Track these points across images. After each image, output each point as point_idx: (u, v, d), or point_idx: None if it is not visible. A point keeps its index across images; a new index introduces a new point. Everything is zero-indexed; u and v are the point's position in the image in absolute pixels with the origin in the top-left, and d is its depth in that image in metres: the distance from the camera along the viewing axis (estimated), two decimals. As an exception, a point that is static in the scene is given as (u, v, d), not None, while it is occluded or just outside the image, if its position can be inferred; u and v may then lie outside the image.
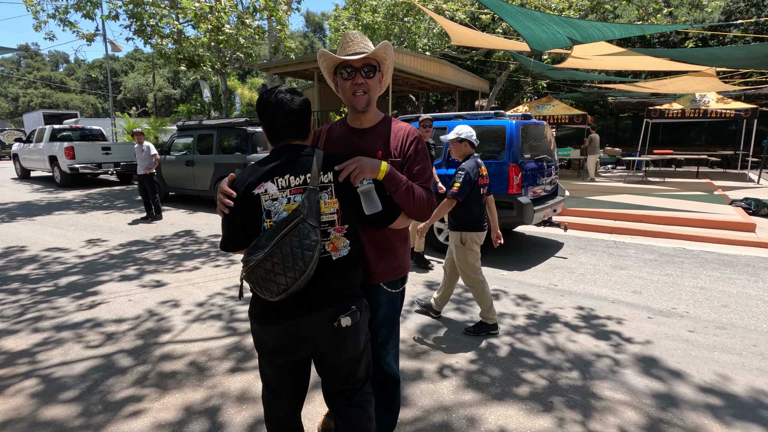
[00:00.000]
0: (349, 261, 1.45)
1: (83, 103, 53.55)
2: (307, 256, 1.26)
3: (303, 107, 1.43)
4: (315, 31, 43.82)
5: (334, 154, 1.46)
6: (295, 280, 1.27)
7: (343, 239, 1.42)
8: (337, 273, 1.41)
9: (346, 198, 1.40)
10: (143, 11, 10.43)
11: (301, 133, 1.45)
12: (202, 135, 8.66)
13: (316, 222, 1.31)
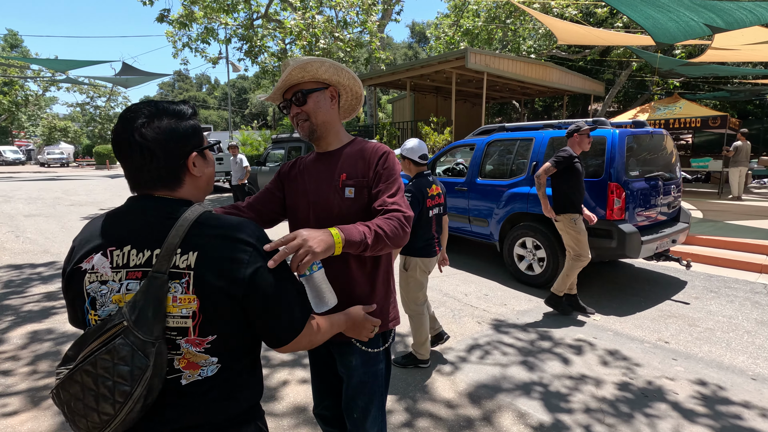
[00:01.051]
0: (218, 387, 0.91)
1: (219, 117, 61.78)
2: (120, 390, 0.79)
3: (165, 138, 0.90)
4: (419, 41, 44.23)
5: (218, 218, 0.92)
6: (110, 420, 0.80)
7: (203, 356, 0.90)
8: (190, 404, 0.90)
9: (213, 297, 0.86)
10: (251, 34, 11.37)
11: (164, 179, 0.92)
12: (292, 147, 9.02)
13: (149, 333, 0.82)
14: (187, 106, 0.97)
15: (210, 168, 1.01)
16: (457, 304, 4.13)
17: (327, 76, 1.34)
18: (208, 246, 0.88)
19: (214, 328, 0.89)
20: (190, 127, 0.94)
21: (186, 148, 0.93)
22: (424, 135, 10.29)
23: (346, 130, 1.49)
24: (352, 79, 1.40)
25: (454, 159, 7.21)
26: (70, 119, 41.37)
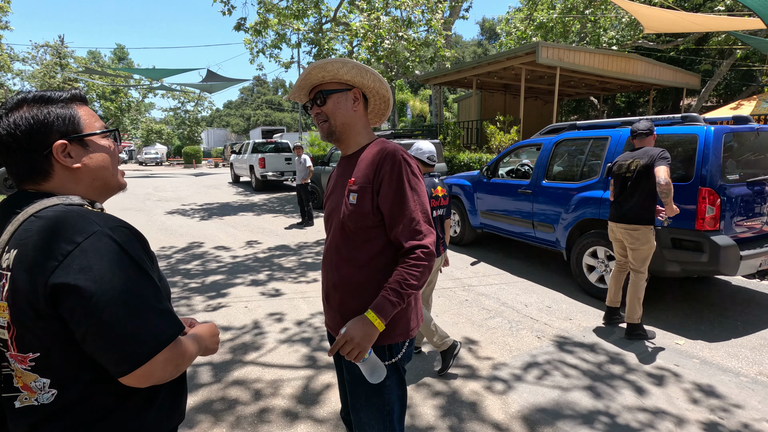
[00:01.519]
0: (58, 421, 0.78)
1: (292, 119, 65.00)
2: None
3: (19, 129, 0.81)
4: (489, 38, 42.89)
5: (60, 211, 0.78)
6: None
7: (31, 375, 0.78)
8: (37, 428, 0.78)
9: (21, 305, 0.74)
10: (320, 38, 11.71)
11: (27, 173, 0.84)
12: (354, 147, 9.12)
13: None
14: (61, 92, 0.88)
15: (97, 156, 0.89)
16: (516, 315, 3.85)
17: (349, 77, 1.31)
18: (28, 243, 0.75)
19: (33, 342, 0.76)
20: (53, 113, 0.84)
21: (49, 137, 0.83)
22: (489, 134, 9.89)
23: (373, 133, 1.41)
24: (378, 81, 1.34)
25: (519, 160, 6.81)
26: (164, 123, 45.90)
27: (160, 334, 0.78)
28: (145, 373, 0.76)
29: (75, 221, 0.77)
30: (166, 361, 0.78)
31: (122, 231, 0.81)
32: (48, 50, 32.19)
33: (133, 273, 0.78)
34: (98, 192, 0.92)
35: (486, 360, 3.05)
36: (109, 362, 0.76)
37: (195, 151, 34.13)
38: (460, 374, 2.86)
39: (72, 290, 0.73)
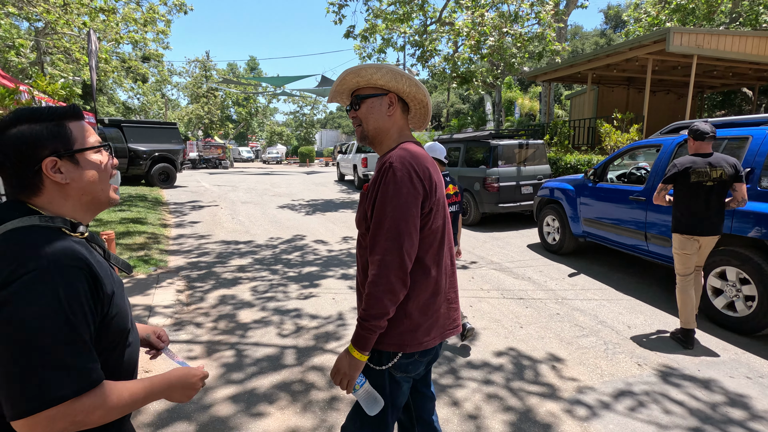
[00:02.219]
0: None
1: (398, 120, 66.61)
2: None
3: (9, 145, 0.84)
4: (615, 27, 38.63)
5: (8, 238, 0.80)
6: None
7: None
8: None
9: None
10: (424, 39, 11.81)
11: (19, 187, 0.87)
12: (451, 148, 9.02)
13: None
14: (55, 108, 0.89)
15: (87, 173, 0.90)
16: (615, 336, 3.45)
17: (383, 82, 1.30)
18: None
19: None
20: (44, 130, 0.85)
21: (39, 153, 0.85)
22: (603, 134, 8.95)
23: (406, 137, 1.35)
24: (414, 86, 1.32)
25: (634, 162, 6.04)
26: (285, 125, 50.71)
27: (50, 391, 0.75)
28: (30, 425, 0.74)
29: (30, 250, 0.78)
30: (53, 418, 0.75)
31: (70, 271, 0.79)
32: (197, 64, 37.84)
33: (54, 323, 0.76)
34: (86, 207, 0.94)
35: (570, 381, 2.80)
36: (2, 402, 0.76)
37: (309, 151, 37.05)
38: (537, 392, 2.68)
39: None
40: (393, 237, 1.18)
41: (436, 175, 1.29)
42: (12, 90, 4.92)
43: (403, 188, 1.18)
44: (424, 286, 1.28)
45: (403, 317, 1.28)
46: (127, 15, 14.07)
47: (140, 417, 2.39)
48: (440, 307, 1.34)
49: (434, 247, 1.29)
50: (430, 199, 1.24)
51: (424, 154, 1.28)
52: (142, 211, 8.79)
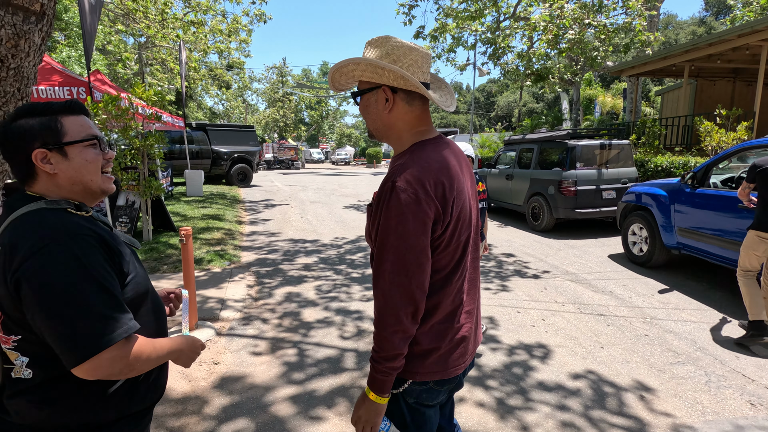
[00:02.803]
0: (37, 389, 0.91)
1: (466, 122, 65.34)
2: None
3: (3, 136, 0.95)
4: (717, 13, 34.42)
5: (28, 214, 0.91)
6: None
7: (14, 354, 0.92)
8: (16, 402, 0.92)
9: (5, 295, 0.87)
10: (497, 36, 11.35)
11: (18, 176, 0.98)
12: (524, 149, 8.55)
13: None
14: (53, 104, 0.97)
15: (75, 164, 0.97)
16: (719, 367, 2.97)
17: (367, 77, 1.13)
18: (6, 243, 0.87)
19: (15, 327, 0.89)
20: (36, 124, 0.94)
21: (30, 145, 0.93)
22: (703, 133, 7.93)
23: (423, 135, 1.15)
24: (400, 78, 1.08)
25: (743, 165, 5.24)
26: (354, 127, 51.95)
27: (102, 335, 0.85)
28: (92, 367, 0.85)
29: (41, 230, 0.88)
30: (113, 360, 0.87)
31: (81, 240, 0.89)
32: (274, 71, 40.09)
33: (81, 279, 0.85)
34: (80, 195, 1.00)
35: (663, 416, 2.43)
36: (60, 355, 0.86)
37: (376, 153, 37.57)
38: (622, 425, 2.36)
39: (26, 290, 0.84)
40: (398, 271, 1.03)
41: (457, 183, 1.09)
42: (114, 97, 5.48)
43: (408, 214, 1.01)
44: (436, 308, 1.13)
45: (411, 343, 1.12)
46: (214, 27, 15.20)
47: (206, 409, 2.47)
48: (458, 330, 1.17)
49: (450, 267, 1.12)
50: (444, 218, 1.06)
51: (439, 161, 1.08)
52: (221, 208, 9.40)
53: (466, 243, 1.14)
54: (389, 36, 1.11)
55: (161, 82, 20.63)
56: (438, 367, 1.14)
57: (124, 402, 0.98)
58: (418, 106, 1.14)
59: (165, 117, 8.50)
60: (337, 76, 1.17)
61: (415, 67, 1.10)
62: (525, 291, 4.53)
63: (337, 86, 1.21)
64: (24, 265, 0.83)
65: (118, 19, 15.12)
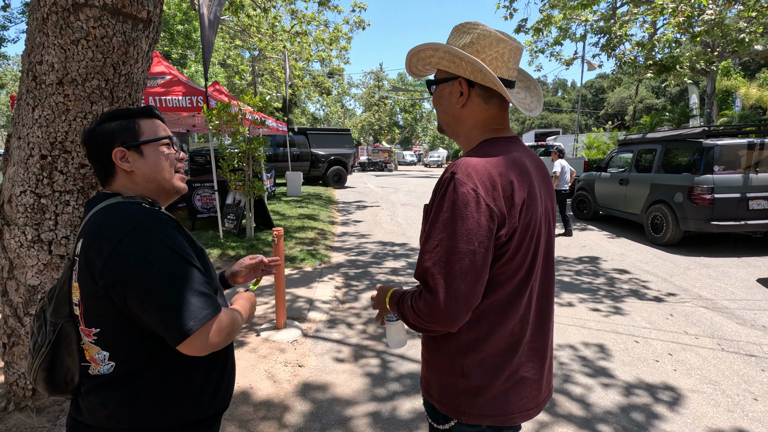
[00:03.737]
0: (113, 384, 0.92)
1: (570, 121, 60.53)
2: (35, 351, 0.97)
3: (88, 138, 1.01)
4: None
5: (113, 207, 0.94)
6: (30, 370, 0.98)
7: (95, 348, 0.92)
8: (93, 400, 0.93)
9: (87, 287, 0.89)
10: (611, 24, 10.12)
11: (99, 176, 1.03)
12: (643, 150, 7.46)
13: (54, 313, 0.95)
14: (131, 108, 1.04)
15: (150, 162, 1.01)
16: None
17: (443, 66, 1.03)
18: (89, 234, 0.90)
19: (97, 319, 0.90)
20: (117, 126, 1.00)
21: (111, 144, 0.98)
22: None
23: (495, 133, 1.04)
24: (478, 71, 0.96)
25: None
26: (447, 129, 51.26)
27: (203, 309, 0.87)
28: (201, 341, 0.87)
29: (125, 217, 0.90)
30: (216, 332, 0.89)
31: (164, 225, 0.91)
32: (371, 76, 41.36)
33: (172, 260, 0.88)
34: (154, 193, 1.03)
35: None
36: (166, 336, 0.86)
37: (469, 155, 36.60)
38: None
39: (120, 275, 0.85)
40: (442, 272, 0.88)
41: (530, 187, 0.95)
42: (225, 104, 5.97)
43: (463, 210, 0.88)
44: (490, 336, 0.96)
45: (458, 375, 0.97)
46: (317, 36, 16.06)
47: (287, 416, 2.44)
48: (520, 368, 0.99)
49: (512, 287, 0.95)
50: (510, 222, 0.91)
51: (511, 159, 0.95)
52: (316, 208, 9.81)
53: (533, 261, 0.97)
54: (478, 23, 0.99)
55: (270, 91, 22.48)
56: (491, 410, 0.97)
57: (192, 408, 0.97)
58: (495, 105, 1.02)
59: (270, 122, 9.12)
60: (415, 61, 1.08)
61: (500, 62, 0.98)
62: (644, 316, 3.86)
63: (414, 71, 1.13)
64: (116, 250, 0.86)
65: (237, 36, 16.77)
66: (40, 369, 0.96)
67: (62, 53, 1.70)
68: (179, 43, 16.93)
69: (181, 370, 0.95)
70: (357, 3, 16.32)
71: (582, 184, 9.17)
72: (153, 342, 0.91)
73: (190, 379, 0.97)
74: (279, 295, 3.45)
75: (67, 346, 0.94)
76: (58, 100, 1.79)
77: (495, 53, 0.97)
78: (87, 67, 1.74)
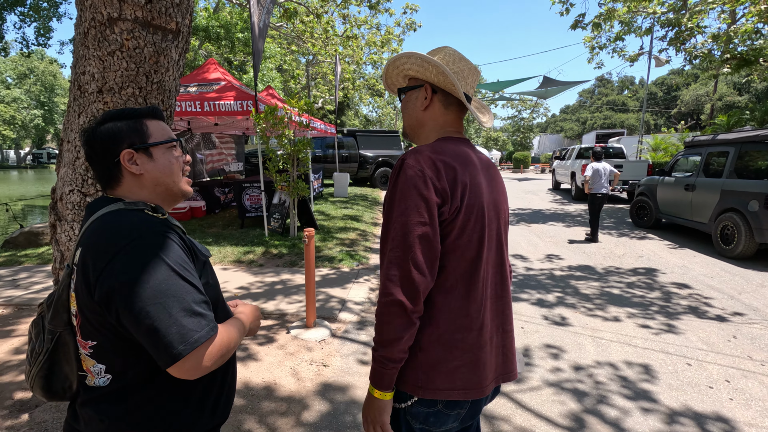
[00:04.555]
0: (108, 398, 0.89)
1: (637, 120, 56.48)
2: (32, 359, 0.96)
3: (93, 138, 0.95)
4: None
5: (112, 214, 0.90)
6: (27, 377, 0.97)
7: (91, 361, 0.90)
8: (89, 412, 0.90)
9: (82, 298, 0.86)
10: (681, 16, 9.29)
11: (103, 179, 0.98)
12: (713, 152, 6.78)
13: (51, 321, 0.93)
14: (136, 108, 0.99)
15: (159, 165, 0.98)
16: None
17: (413, 72, 1.17)
18: (87, 244, 0.87)
19: (93, 332, 0.87)
20: (124, 126, 0.95)
21: (118, 146, 0.94)
22: None
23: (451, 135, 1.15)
24: (441, 74, 1.11)
25: None
26: (502, 131, 49.89)
27: (195, 332, 0.82)
28: (192, 365, 0.82)
29: (123, 229, 0.86)
30: (209, 356, 0.84)
31: (163, 239, 0.87)
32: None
33: (167, 277, 0.83)
34: (161, 197, 1.00)
35: None
36: (155, 356, 0.83)
37: (524, 157, 35.32)
38: None
39: (113, 291, 0.81)
40: (398, 245, 0.99)
41: (472, 177, 1.05)
42: (273, 107, 6.21)
43: (412, 189, 0.99)
44: (446, 312, 1.03)
45: (416, 350, 1.04)
46: (369, 39, 16.26)
47: (305, 414, 2.48)
48: (475, 345, 1.05)
49: (465, 265, 1.04)
50: (453, 202, 1.01)
51: (457, 151, 1.07)
52: (360, 209, 9.93)
53: (480, 243, 1.06)
54: (446, 46, 1.17)
55: (323, 94, 23.10)
56: (446, 384, 1.03)
57: (190, 422, 0.93)
58: (453, 111, 1.16)
59: (318, 124, 9.37)
60: (391, 70, 1.21)
61: (460, 76, 1.13)
62: (702, 336, 3.50)
63: (389, 83, 1.25)
64: (110, 265, 0.82)
65: (293, 41, 17.42)
66: (37, 377, 0.94)
67: (101, 64, 1.85)
68: (240, 50, 17.87)
69: (177, 388, 0.91)
70: (408, 5, 16.35)
71: (643, 188, 8.52)
72: (149, 358, 0.86)
73: (188, 398, 0.93)
74: (309, 294, 3.52)
75: (65, 354, 0.93)
76: (98, 107, 1.94)
77: (457, 68, 1.13)
78: (122, 77, 1.88)
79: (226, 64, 20.79)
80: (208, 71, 7.93)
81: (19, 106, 44.69)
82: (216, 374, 0.99)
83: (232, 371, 1.07)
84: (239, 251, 5.97)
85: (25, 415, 2.36)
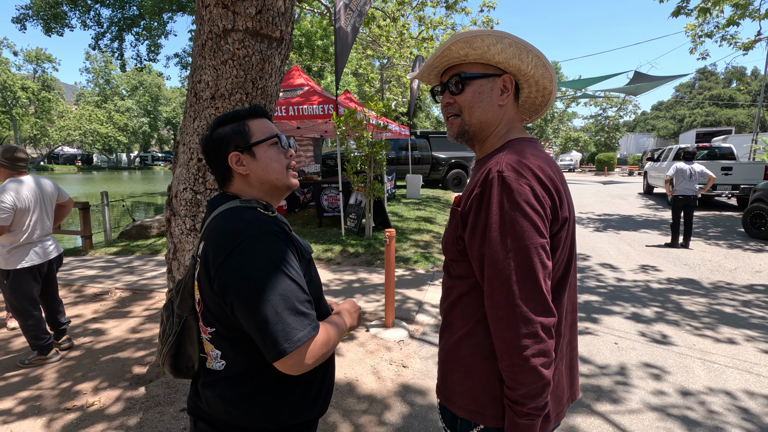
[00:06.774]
0: (225, 383, 0.97)
1: (748, 117, 49.66)
2: (163, 339, 1.06)
3: (207, 144, 1.04)
4: None
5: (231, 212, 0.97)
6: (159, 354, 1.07)
7: (209, 345, 0.98)
8: (208, 393, 0.98)
9: (204, 289, 0.94)
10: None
11: (218, 179, 1.07)
12: None
13: (179, 306, 1.02)
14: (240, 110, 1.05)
15: (262, 163, 1.02)
16: None
17: (502, 58, 0.94)
18: (209, 239, 0.94)
19: (212, 319, 0.95)
20: (229, 130, 1.02)
21: (226, 150, 1.01)
22: None
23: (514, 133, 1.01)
24: (542, 66, 0.96)
25: None
26: (583, 130, 46.69)
27: (298, 331, 0.86)
28: (295, 362, 0.86)
29: (238, 226, 0.92)
30: (311, 354, 0.88)
31: (273, 238, 0.92)
32: (499, 77, 39.78)
33: (275, 277, 0.87)
34: (268, 194, 1.05)
35: None
36: (262, 349, 0.88)
37: (609, 158, 32.68)
38: None
39: (228, 285, 0.88)
40: (526, 281, 0.82)
41: (564, 183, 0.95)
42: (352, 111, 6.40)
43: (525, 207, 0.83)
44: None
45: (490, 375, 0.91)
46: (444, 40, 16.13)
47: (386, 414, 2.49)
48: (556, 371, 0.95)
49: (554, 281, 0.92)
50: (561, 212, 0.89)
51: (545, 158, 0.92)
52: (433, 211, 9.85)
53: (570, 257, 0.95)
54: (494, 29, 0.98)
55: (396, 96, 23.34)
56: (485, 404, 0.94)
57: (293, 413, 0.99)
58: (517, 105, 1.04)
59: (393, 126, 9.47)
60: (459, 47, 0.94)
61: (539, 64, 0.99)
62: None
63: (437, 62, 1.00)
64: (227, 260, 0.89)
65: (369, 46, 17.83)
66: (167, 355, 1.04)
67: (215, 72, 2.01)
68: (319, 57, 18.70)
69: (283, 381, 0.98)
70: (486, 2, 15.93)
71: (759, 194, 7.46)
72: (259, 350, 0.92)
73: (292, 391, 0.99)
74: (389, 294, 3.55)
75: (190, 337, 1.02)
76: (211, 113, 2.12)
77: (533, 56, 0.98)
78: (232, 84, 2.04)
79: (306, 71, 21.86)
80: (293, 77, 8.38)
81: (130, 114, 51.18)
82: (317, 371, 1.03)
83: (331, 368, 1.10)
84: (318, 249, 6.21)
85: (141, 388, 2.65)
